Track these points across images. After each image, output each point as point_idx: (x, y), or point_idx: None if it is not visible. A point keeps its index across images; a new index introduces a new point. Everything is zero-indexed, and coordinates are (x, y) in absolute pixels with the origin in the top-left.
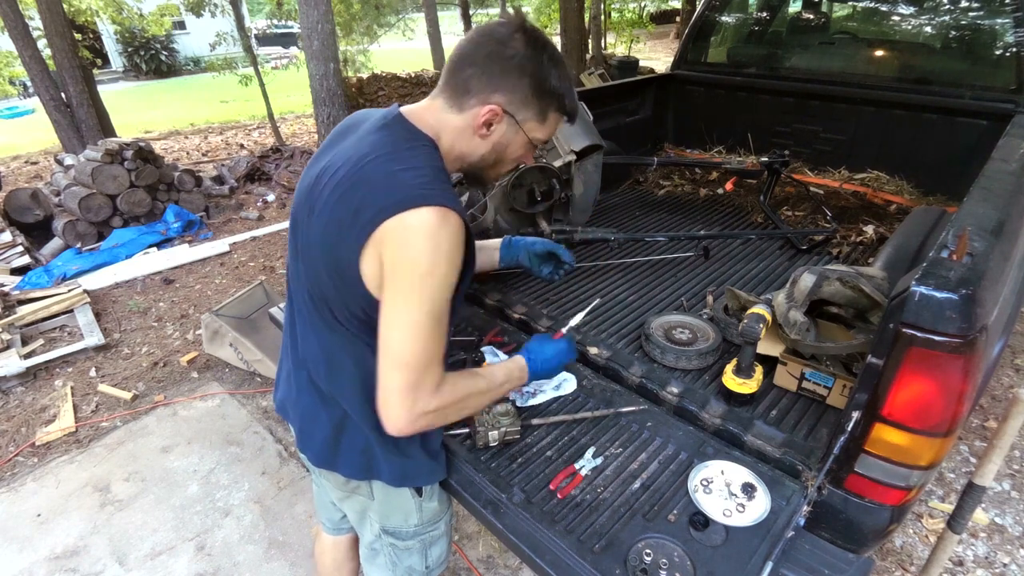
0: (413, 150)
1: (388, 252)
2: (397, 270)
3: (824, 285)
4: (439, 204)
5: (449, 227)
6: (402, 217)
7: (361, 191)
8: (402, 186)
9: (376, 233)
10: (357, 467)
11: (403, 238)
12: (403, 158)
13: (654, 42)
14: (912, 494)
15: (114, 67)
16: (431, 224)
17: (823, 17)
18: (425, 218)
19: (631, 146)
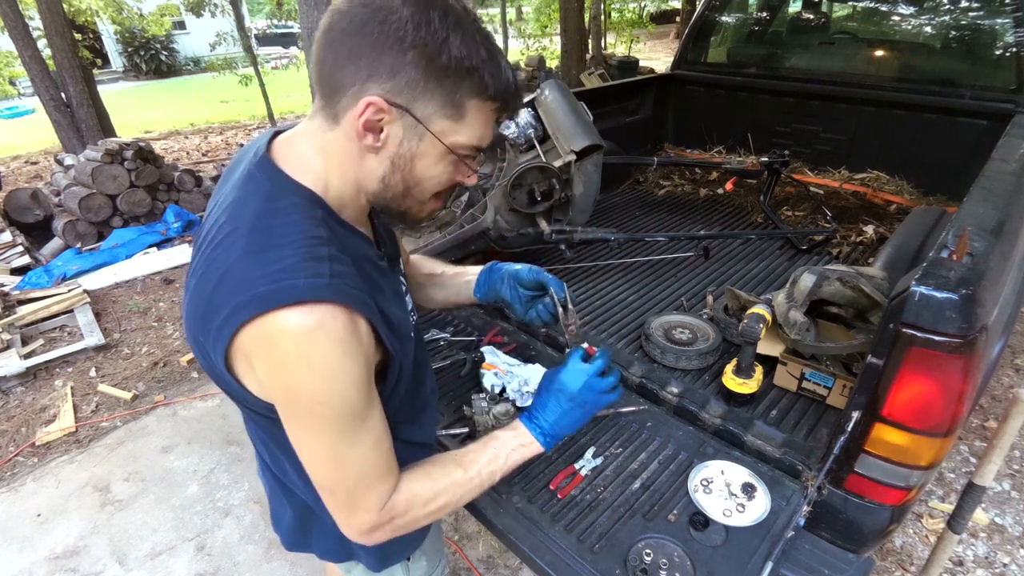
0: (276, 214)
1: (260, 369)
2: (275, 397)
3: (824, 285)
4: (308, 300)
5: (328, 332)
6: (260, 324)
7: (211, 283)
8: (258, 276)
9: (236, 344)
10: (332, 552)
11: (269, 355)
12: (261, 230)
13: (654, 42)
14: (912, 494)
15: (114, 67)
16: (298, 334)
17: (823, 17)
18: (289, 326)
19: (631, 146)
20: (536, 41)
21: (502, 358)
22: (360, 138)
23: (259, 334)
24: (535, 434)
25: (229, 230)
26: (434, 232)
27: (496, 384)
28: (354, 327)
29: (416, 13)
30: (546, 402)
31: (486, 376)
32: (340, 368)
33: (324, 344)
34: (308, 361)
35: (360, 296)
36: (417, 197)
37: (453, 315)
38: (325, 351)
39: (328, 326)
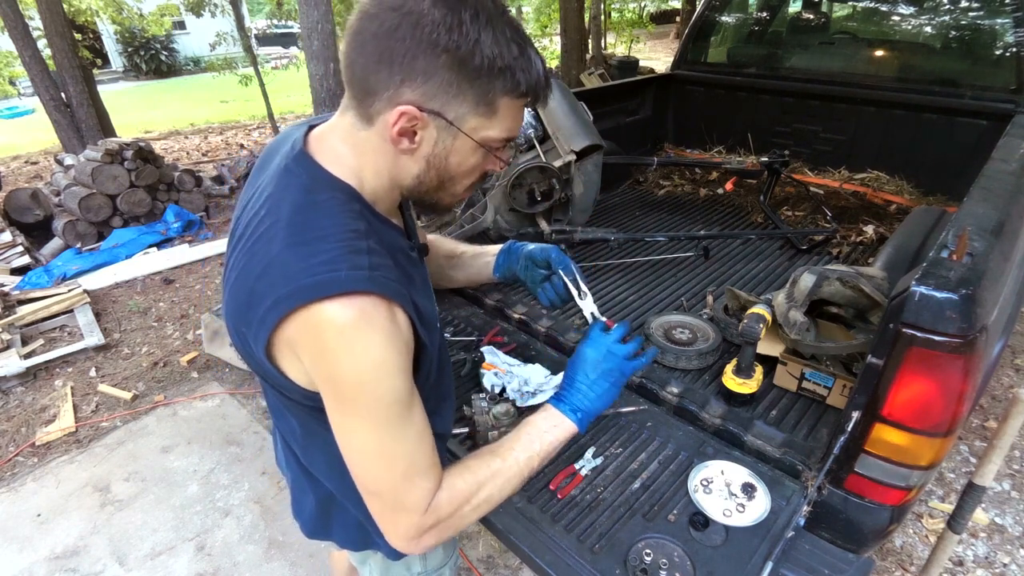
0: (315, 207)
1: (305, 360)
2: (322, 386)
3: (824, 285)
4: (350, 291)
5: (371, 322)
6: (305, 315)
7: (254, 275)
8: (301, 269)
9: (279, 334)
10: (353, 540)
11: (314, 346)
12: (301, 224)
13: (654, 42)
14: (912, 494)
15: (114, 67)
16: (343, 325)
17: (823, 17)
18: (334, 317)
19: (631, 146)
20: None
21: (502, 358)
22: (395, 143)
23: (303, 325)
24: (565, 412)
25: (270, 223)
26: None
27: (496, 384)
28: (394, 317)
29: (448, 15)
30: (572, 378)
31: (486, 376)
32: (384, 357)
33: (367, 334)
34: (352, 351)
35: (398, 288)
36: (450, 190)
37: (453, 315)
38: (368, 341)
39: (370, 316)
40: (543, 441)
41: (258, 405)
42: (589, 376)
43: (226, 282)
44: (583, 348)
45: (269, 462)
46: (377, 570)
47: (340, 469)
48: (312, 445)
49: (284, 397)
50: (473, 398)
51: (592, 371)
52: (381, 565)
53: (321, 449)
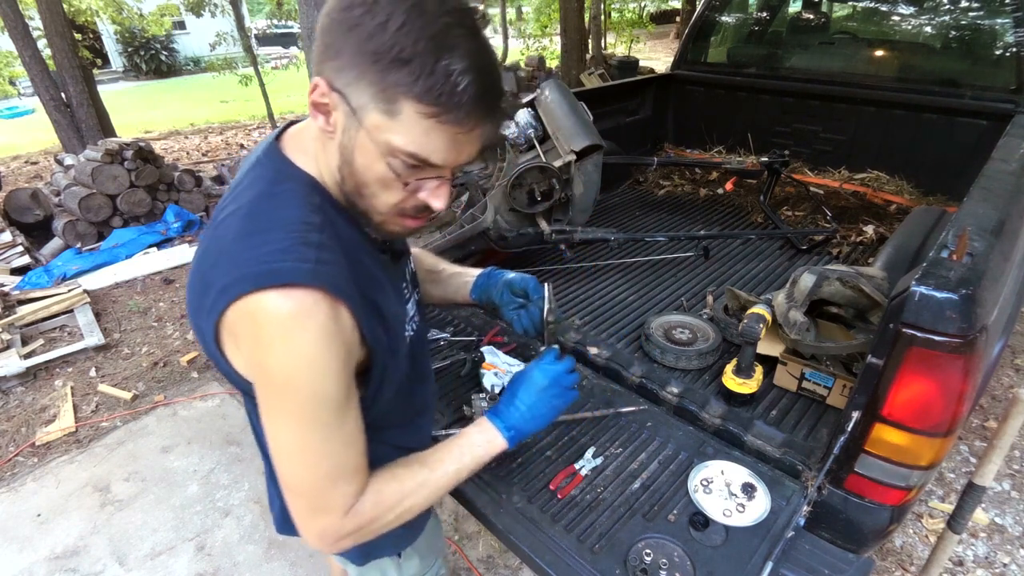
0: (274, 198)
1: (243, 349)
2: (255, 377)
3: (824, 285)
4: (294, 283)
5: (309, 317)
6: (245, 303)
7: (209, 260)
8: (248, 258)
9: (224, 321)
10: None
11: (251, 335)
12: (258, 213)
13: (654, 42)
14: (912, 494)
15: (114, 67)
16: (280, 317)
17: (823, 17)
18: (272, 308)
19: (631, 146)
20: (536, 41)
21: (502, 358)
22: (314, 118)
23: (243, 313)
24: (500, 428)
25: (231, 211)
26: (434, 232)
27: (496, 384)
28: (336, 316)
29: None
30: (514, 396)
31: (486, 376)
32: (317, 354)
33: (304, 328)
34: (286, 343)
35: (346, 286)
36: (370, 200)
37: (453, 315)
38: (304, 335)
39: (310, 311)
40: (474, 455)
41: None
42: (532, 398)
43: None
44: (533, 371)
45: None
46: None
47: None
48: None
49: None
50: (473, 398)
51: (536, 394)
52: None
53: None
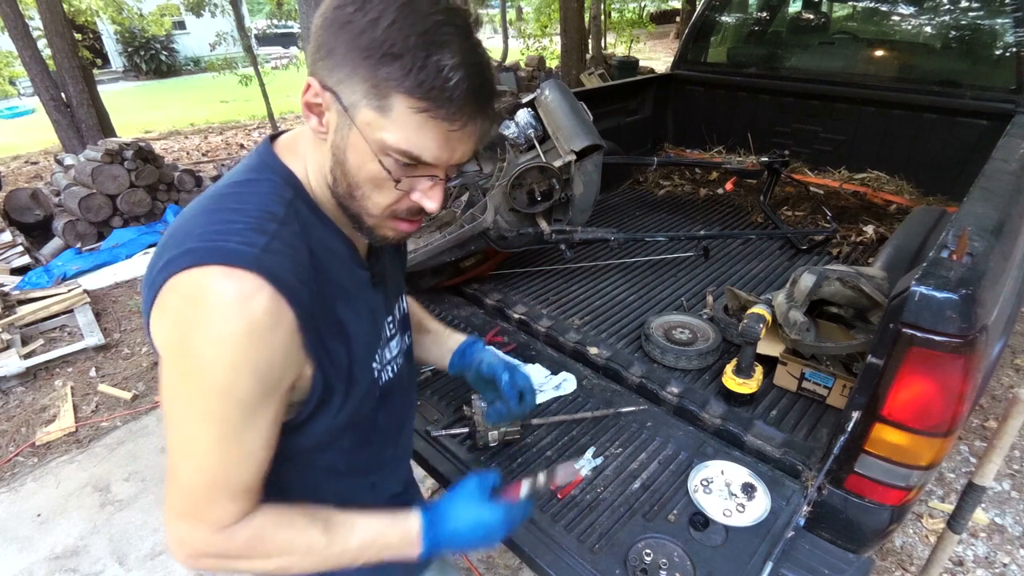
0: (247, 184)
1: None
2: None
3: (824, 285)
4: (231, 264)
5: (241, 302)
6: (182, 276)
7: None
8: (196, 234)
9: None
10: None
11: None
12: (225, 195)
13: (654, 42)
14: (912, 494)
15: (114, 67)
16: (210, 294)
17: (823, 17)
18: (204, 284)
19: (631, 146)
20: (536, 41)
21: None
22: (307, 119)
23: (176, 286)
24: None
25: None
26: (434, 232)
27: None
28: (274, 311)
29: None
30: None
31: None
32: (241, 345)
33: (234, 313)
34: (210, 325)
35: (294, 282)
36: (361, 202)
37: (453, 315)
38: (232, 321)
39: (245, 296)
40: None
41: None
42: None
43: None
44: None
45: None
46: None
47: None
48: None
49: None
50: (473, 398)
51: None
52: None
53: None
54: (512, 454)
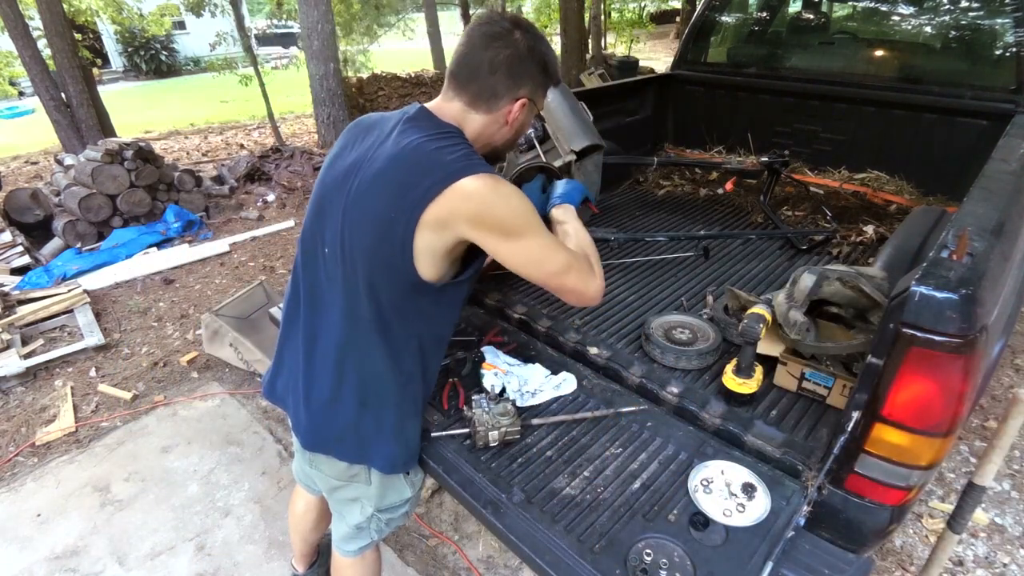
0: (445, 136)
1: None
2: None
3: (824, 285)
4: (486, 172)
5: (501, 181)
6: (463, 183)
7: (406, 173)
8: (448, 162)
9: (432, 207)
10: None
11: (474, 198)
12: (438, 142)
13: (654, 42)
14: (912, 494)
15: (114, 67)
16: (490, 183)
17: (823, 17)
18: (481, 181)
19: (631, 146)
20: None
21: (502, 358)
22: (508, 121)
23: (459, 194)
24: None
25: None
26: None
27: (496, 384)
28: None
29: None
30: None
31: (486, 376)
32: (521, 197)
33: (505, 186)
34: (503, 195)
35: None
36: (510, 144)
37: None
38: (509, 189)
39: (500, 179)
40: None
41: (258, 405)
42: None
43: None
44: None
45: (269, 462)
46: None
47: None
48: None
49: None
50: (473, 398)
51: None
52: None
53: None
54: (512, 454)
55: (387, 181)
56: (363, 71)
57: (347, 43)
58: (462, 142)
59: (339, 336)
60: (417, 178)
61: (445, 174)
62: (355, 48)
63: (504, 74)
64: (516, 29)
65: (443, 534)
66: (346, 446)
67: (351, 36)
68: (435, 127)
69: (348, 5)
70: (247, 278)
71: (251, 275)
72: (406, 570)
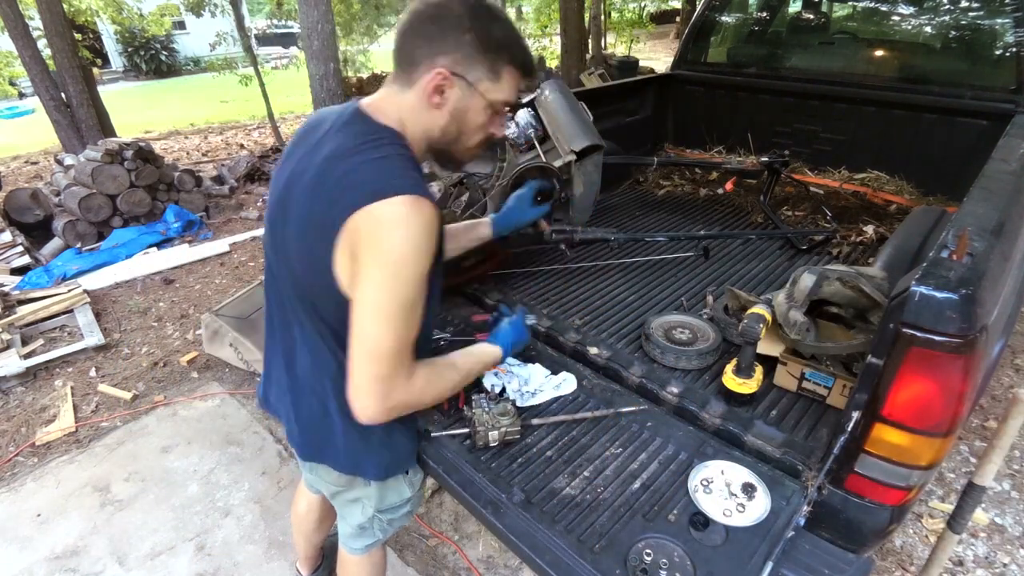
0: (377, 143)
1: (362, 245)
2: (370, 262)
3: (824, 285)
4: (409, 193)
5: (421, 216)
6: (372, 208)
7: (330, 189)
8: (370, 179)
9: (347, 226)
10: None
11: (375, 230)
12: (367, 152)
13: (654, 42)
14: (912, 494)
15: (114, 67)
16: (402, 214)
17: (823, 17)
18: (396, 208)
19: (631, 146)
20: (536, 41)
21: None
22: (430, 99)
23: (370, 217)
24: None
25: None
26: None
27: (496, 384)
28: (435, 219)
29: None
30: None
31: (486, 376)
32: (426, 243)
33: (419, 223)
34: (407, 232)
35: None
36: (464, 143)
37: (453, 315)
38: (419, 227)
39: (423, 211)
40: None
41: None
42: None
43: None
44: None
45: (269, 462)
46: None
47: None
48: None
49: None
50: (473, 398)
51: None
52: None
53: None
54: (512, 454)
55: (313, 199)
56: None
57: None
58: (394, 151)
59: (311, 352)
60: (339, 195)
61: (367, 192)
62: (355, 48)
63: (420, 37)
64: None
65: (443, 534)
66: (339, 458)
67: (351, 36)
68: (367, 131)
69: (348, 5)
70: (247, 278)
71: (251, 275)
72: (406, 570)
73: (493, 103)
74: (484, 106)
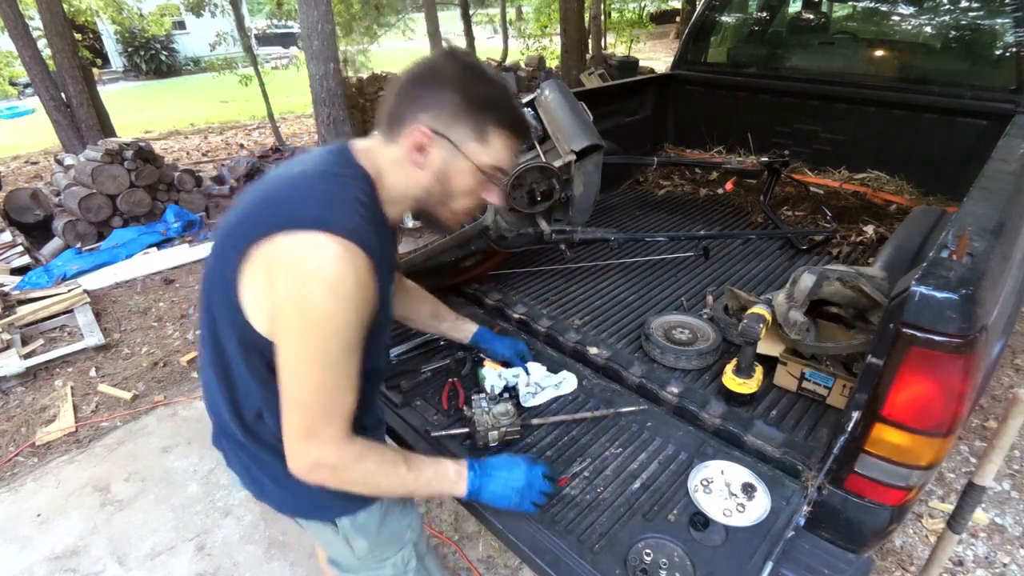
0: (338, 176)
1: (278, 282)
2: (286, 308)
3: (824, 285)
4: (341, 235)
5: (351, 265)
6: (294, 238)
7: (259, 205)
8: (303, 204)
9: (258, 249)
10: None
11: (293, 268)
12: (321, 180)
13: (654, 42)
14: (912, 494)
15: (114, 67)
16: (327, 257)
17: (823, 17)
18: (320, 247)
19: (631, 146)
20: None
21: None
22: (411, 155)
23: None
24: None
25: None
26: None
27: (496, 384)
28: (369, 273)
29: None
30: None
31: (486, 376)
32: (351, 297)
33: (347, 273)
34: (331, 283)
35: (378, 250)
36: (451, 205)
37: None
38: (347, 279)
39: (353, 259)
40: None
41: None
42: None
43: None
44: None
45: None
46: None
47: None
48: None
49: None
50: (473, 398)
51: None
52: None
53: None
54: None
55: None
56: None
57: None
58: (351, 189)
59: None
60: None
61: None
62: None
63: (407, 94)
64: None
65: (443, 534)
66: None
67: (351, 36)
68: (338, 163)
69: (348, 5)
70: None
71: None
72: None
73: (482, 166)
74: (471, 169)
